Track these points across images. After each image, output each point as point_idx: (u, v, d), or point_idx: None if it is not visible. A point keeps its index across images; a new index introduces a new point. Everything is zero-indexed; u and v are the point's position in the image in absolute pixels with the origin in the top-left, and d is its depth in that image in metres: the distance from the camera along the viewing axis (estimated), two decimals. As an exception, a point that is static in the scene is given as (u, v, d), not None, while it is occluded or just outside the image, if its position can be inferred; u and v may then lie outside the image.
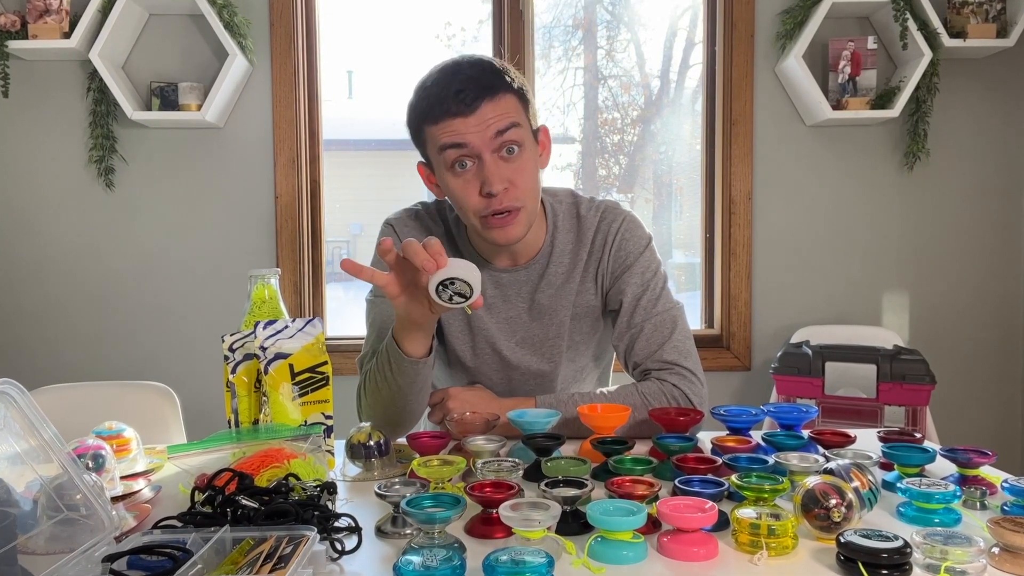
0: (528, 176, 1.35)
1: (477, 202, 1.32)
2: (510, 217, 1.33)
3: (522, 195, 1.33)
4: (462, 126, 1.29)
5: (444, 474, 1.02)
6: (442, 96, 1.30)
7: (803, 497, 0.91)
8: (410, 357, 1.27)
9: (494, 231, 1.34)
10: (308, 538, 0.81)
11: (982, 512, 1.00)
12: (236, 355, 1.22)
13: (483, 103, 1.29)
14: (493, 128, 1.29)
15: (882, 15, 2.76)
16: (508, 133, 1.31)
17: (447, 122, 1.30)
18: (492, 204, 1.31)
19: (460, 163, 1.32)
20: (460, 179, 1.33)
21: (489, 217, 1.33)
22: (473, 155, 1.31)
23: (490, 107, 1.29)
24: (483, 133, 1.29)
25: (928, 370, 2.44)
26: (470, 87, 1.29)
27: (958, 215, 2.92)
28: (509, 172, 1.31)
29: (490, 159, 1.30)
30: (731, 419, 1.25)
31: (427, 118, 1.32)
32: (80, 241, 2.83)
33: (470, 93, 1.29)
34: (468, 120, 1.29)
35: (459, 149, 1.30)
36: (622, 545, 0.86)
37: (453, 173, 1.33)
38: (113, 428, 1.22)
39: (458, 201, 1.35)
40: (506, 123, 1.30)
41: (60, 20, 2.61)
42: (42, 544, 0.86)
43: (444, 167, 1.33)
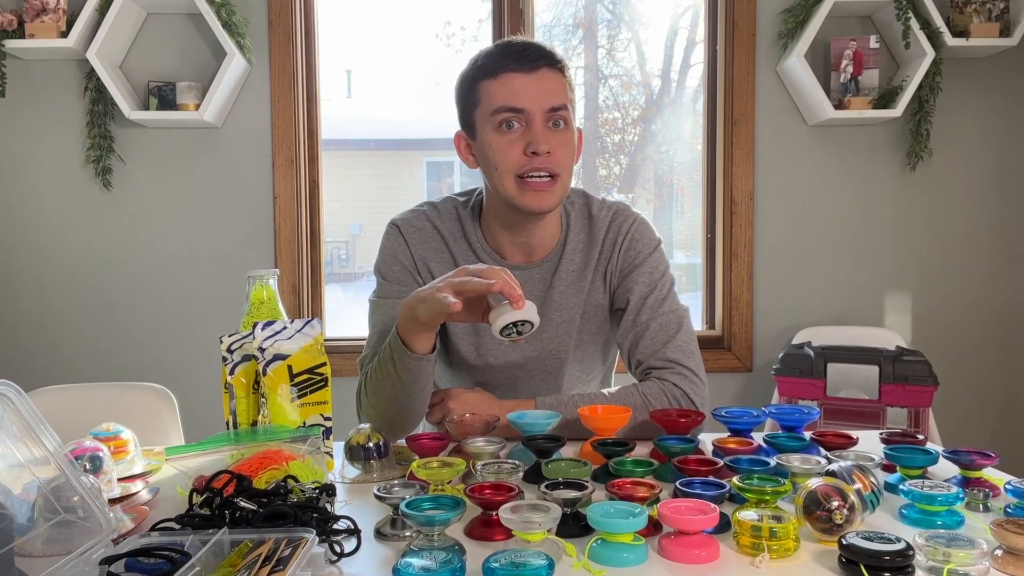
0: (569, 151, 1.39)
1: (518, 159, 1.35)
2: (549, 183, 1.36)
3: (560, 163, 1.37)
4: (521, 84, 1.34)
5: (444, 476, 1.02)
6: (505, 53, 1.37)
7: (805, 499, 0.91)
8: (416, 354, 1.28)
9: (529, 194, 1.36)
10: (307, 540, 0.81)
11: (985, 514, 1.00)
12: (234, 356, 1.22)
13: (544, 67, 1.35)
14: (549, 101, 1.35)
15: (884, 14, 2.76)
16: (560, 111, 1.36)
17: (507, 76, 1.35)
18: (534, 162, 1.34)
19: (508, 123, 1.35)
20: (505, 138, 1.36)
21: (527, 178, 1.35)
22: (524, 119, 1.35)
23: (549, 74, 1.36)
24: (539, 99, 1.34)
25: (931, 371, 2.44)
26: (533, 49, 1.37)
27: (961, 215, 2.92)
28: (554, 140, 1.36)
29: (540, 123, 1.35)
30: (732, 421, 1.25)
31: (487, 73, 1.37)
32: (77, 241, 2.83)
33: (534, 53, 1.36)
34: (528, 78, 1.34)
35: (513, 113, 1.34)
36: (623, 547, 0.86)
37: (499, 132, 1.36)
38: (111, 430, 1.22)
39: (497, 159, 1.37)
40: (560, 101, 1.36)
41: (57, 19, 2.61)
42: (39, 546, 0.86)
43: (491, 127, 1.37)
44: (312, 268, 2.93)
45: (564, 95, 1.37)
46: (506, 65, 1.35)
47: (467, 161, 1.45)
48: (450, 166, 3.65)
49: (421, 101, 3.40)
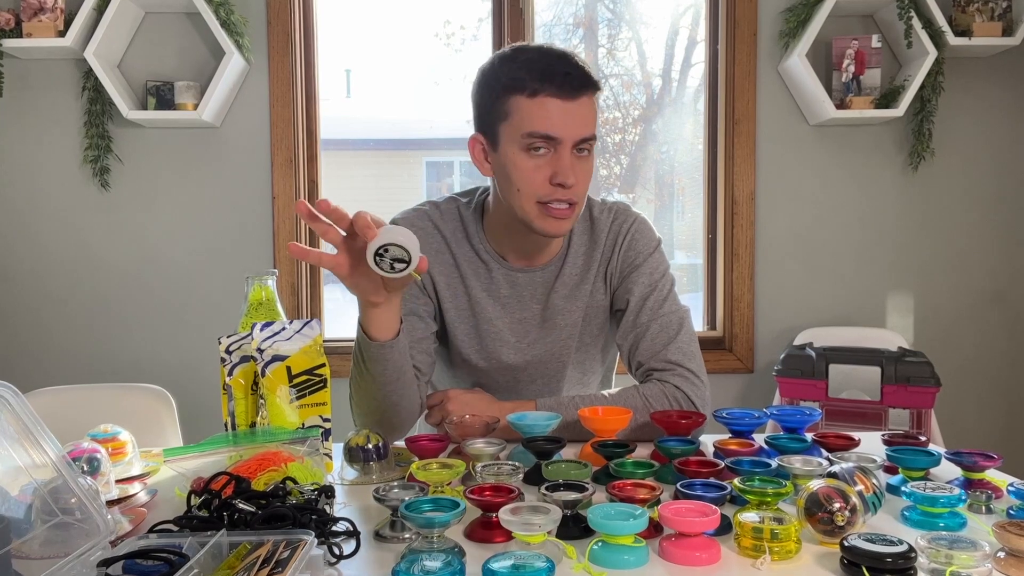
0: (589, 179, 1.38)
1: (542, 187, 1.33)
2: (570, 211, 1.35)
3: (581, 193, 1.36)
4: (559, 112, 1.29)
5: (443, 477, 1.02)
6: (547, 72, 1.29)
7: (806, 501, 0.91)
8: (375, 341, 1.26)
9: (550, 220, 1.35)
10: (306, 542, 0.81)
11: (987, 516, 1.00)
12: (233, 357, 1.22)
13: (585, 95, 1.31)
14: (582, 131, 1.32)
15: (886, 13, 2.76)
16: (589, 141, 1.34)
17: (546, 99, 1.29)
18: (558, 194, 1.33)
19: (536, 148, 1.32)
20: (532, 162, 1.32)
21: (550, 205, 1.34)
22: (553, 145, 1.32)
23: (587, 103, 1.32)
24: (575, 130, 1.31)
25: (933, 372, 2.44)
26: (576, 73, 1.31)
27: (963, 215, 2.92)
28: (579, 170, 1.33)
29: (568, 153, 1.32)
30: (734, 422, 1.25)
31: (523, 89, 1.30)
32: (75, 242, 2.83)
33: (577, 80, 1.30)
34: (567, 105, 1.30)
35: (546, 140, 1.31)
36: (623, 549, 0.86)
37: (528, 154, 1.32)
38: (108, 431, 1.22)
39: (520, 182, 1.34)
40: (592, 131, 1.33)
41: (55, 18, 2.61)
42: (36, 548, 0.86)
43: (518, 146, 1.32)
44: (311, 269, 2.93)
45: (595, 122, 1.35)
46: (547, 88, 1.29)
47: (481, 168, 1.41)
48: (450, 166, 3.65)
49: (421, 101, 3.40)
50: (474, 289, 1.48)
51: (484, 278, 1.48)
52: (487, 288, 1.48)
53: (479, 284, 1.48)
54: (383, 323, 1.25)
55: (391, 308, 1.25)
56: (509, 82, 1.32)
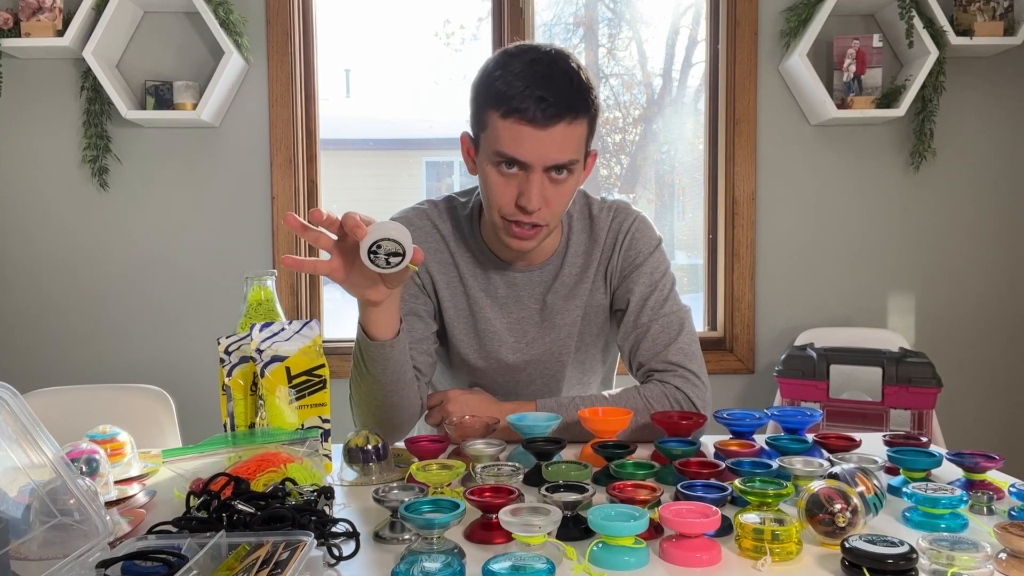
0: (565, 199, 1.34)
1: (508, 206, 1.31)
2: (534, 231, 1.33)
3: (551, 216, 1.33)
4: (528, 137, 1.25)
5: (443, 478, 1.02)
6: (524, 94, 1.24)
7: (807, 502, 0.91)
8: (375, 341, 1.26)
9: (511, 238, 1.35)
10: (305, 543, 0.81)
11: (989, 517, 1.00)
12: (232, 358, 1.22)
13: (560, 123, 1.25)
14: (555, 159, 1.27)
15: (887, 12, 2.76)
16: (564, 167, 1.29)
17: (516, 124, 1.25)
18: (521, 216, 1.31)
19: (507, 164, 1.29)
20: (502, 178, 1.31)
21: (512, 224, 1.33)
22: (524, 168, 1.29)
23: (562, 131, 1.26)
24: (543, 156, 1.27)
25: (934, 373, 2.44)
26: (553, 100, 1.24)
27: (965, 215, 2.93)
28: (550, 192, 1.30)
29: (538, 176, 1.28)
30: (734, 423, 1.25)
31: (499, 105, 1.26)
32: (73, 242, 2.83)
33: (552, 108, 1.24)
34: (537, 134, 1.25)
35: (511, 161, 1.28)
36: (624, 551, 0.86)
37: (497, 170, 1.31)
38: (107, 432, 1.22)
39: (489, 195, 1.34)
40: (568, 157, 1.28)
41: (53, 18, 2.62)
42: (35, 550, 0.86)
43: (489, 160, 1.31)
44: (310, 269, 2.93)
45: (575, 149, 1.29)
46: (519, 110, 1.24)
47: (468, 165, 1.41)
48: (450, 166, 3.65)
49: (420, 100, 3.40)
50: (472, 289, 1.48)
51: (482, 278, 1.48)
52: (485, 288, 1.48)
53: (477, 284, 1.48)
54: (383, 322, 1.25)
55: (391, 307, 1.25)
56: (489, 95, 1.29)
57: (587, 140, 1.33)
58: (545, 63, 1.28)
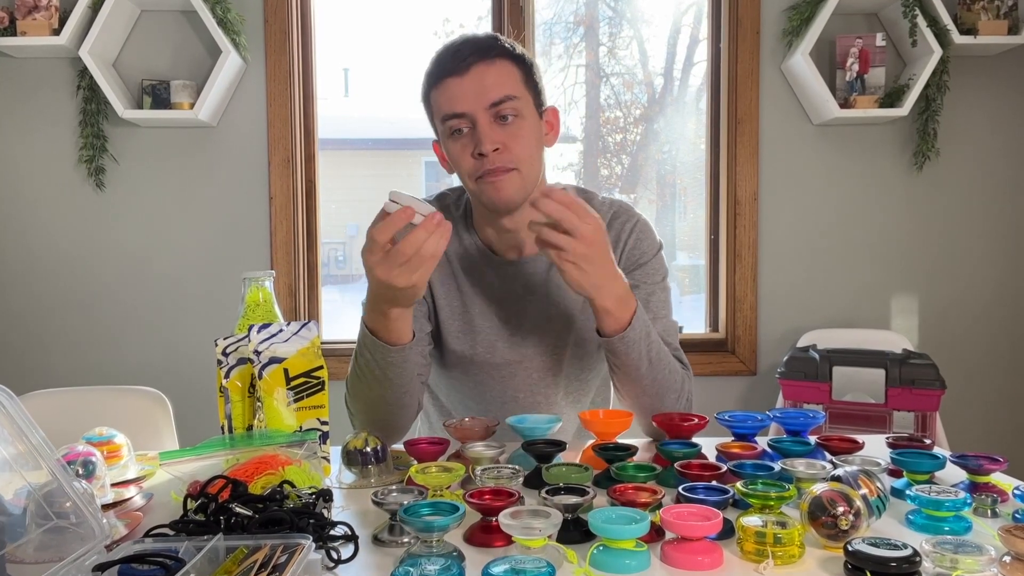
0: (524, 142, 1.36)
1: (470, 164, 1.35)
2: (504, 173, 1.34)
3: (516, 158, 1.34)
4: (457, 87, 1.32)
5: (442, 481, 1.02)
6: (441, 57, 1.36)
7: (810, 505, 0.92)
8: (396, 346, 1.28)
9: (487, 189, 1.35)
10: (303, 547, 0.81)
11: (993, 520, 1.00)
12: (230, 359, 1.22)
13: (478, 63, 1.32)
14: (488, 97, 1.32)
15: (891, 11, 2.76)
16: (504, 104, 1.33)
17: (444, 82, 1.34)
18: (485, 164, 1.33)
19: (458, 130, 1.35)
20: (458, 144, 1.35)
21: (483, 176, 1.34)
22: (469, 121, 1.33)
23: (484, 69, 1.33)
24: (478, 98, 1.32)
25: (938, 375, 2.44)
26: (466, 47, 1.34)
27: (969, 216, 2.93)
28: (503, 136, 1.33)
29: (484, 122, 1.32)
30: (736, 425, 1.25)
31: (430, 81, 1.37)
32: (70, 243, 2.83)
33: (464, 52, 1.33)
34: (463, 80, 1.32)
35: (457, 119, 1.33)
36: (625, 554, 0.86)
37: (453, 140, 1.36)
38: (104, 434, 1.22)
39: (457, 167, 1.38)
40: (501, 95, 1.32)
41: (49, 16, 2.62)
42: (31, 553, 0.86)
43: (445, 135, 1.37)
44: (308, 270, 2.93)
45: (507, 86, 1.33)
46: (443, 68, 1.34)
47: (445, 167, 1.45)
48: (449, 166, 3.65)
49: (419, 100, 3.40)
50: (465, 285, 1.49)
51: (475, 274, 1.49)
52: (479, 283, 1.49)
53: (470, 280, 1.49)
54: (403, 326, 1.28)
55: (408, 311, 1.28)
56: (425, 82, 1.39)
57: (526, 83, 1.37)
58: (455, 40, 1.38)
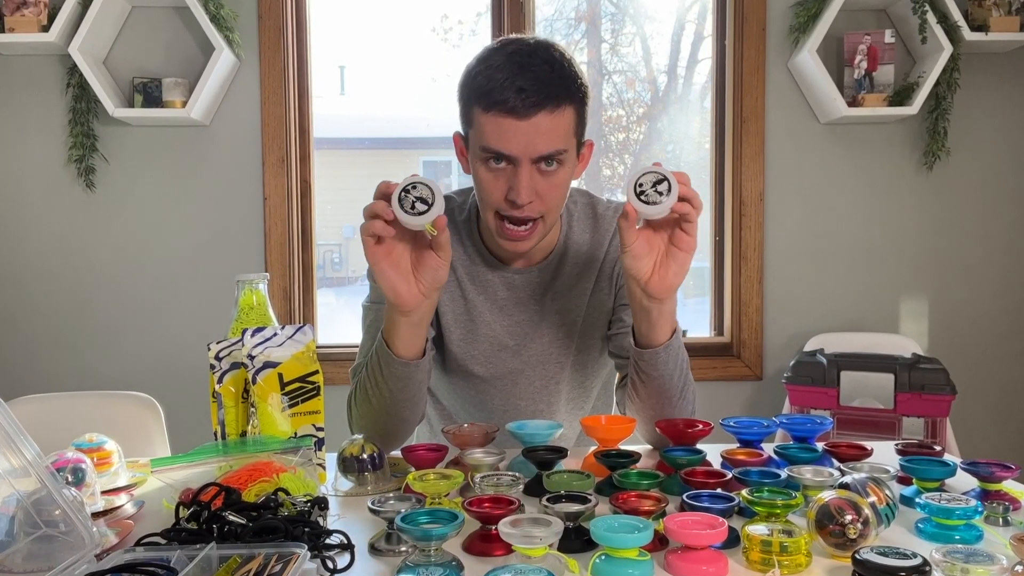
0: (558, 192, 1.34)
1: (499, 201, 1.32)
2: (526, 231, 1.34)
3: (546, 208, 1.33)
4: (511, 129, 1.27)
5: (441, 489, 1.02)
6: (503, 86, 1.26)
7: (817, 513, 0.92)
8: (401, 359, 1.27)
9: (506, 240, 1.36)
10: (298, 556, 0.81)
11: (1005, 528, 1.00)
12: (223, 364, 1.22)
13: (541, 113, 1.26)
14: (539, 149, 1.27)
15: (900, 7, 2.77)
16: (552, 157, 1.30)
17: (498, 117, 1.27)
18: (513, 211, 1.31)
19: (495, 159, 1.31)
20: (491, 174, 1.32)
21: (505, 224, 1.34)
22: (510, 161, 1.30)
23: (546, 119, 1.27)
24: (528, 147, 1.27)
25: (948, 380, 2.45)
26: (533, 89, 1.26)
27: (980, 217, 2.93)
28: (541, 185, 1.31)
29: (526, 169, 1.29)
30: (742, 431, 1.25)
31: (480, 100, 1.29)
32: (59, 244, 2.83)
33: (532, 97, 1.25)
34: (519, 125, 1.26)
35: (500, 156, 1.29)
36: (627, 563, 0.86)
37: (486, 167, 1.32)
38: (94, 440, 1.22)
39: (481, 193, 1.36)
40: (555, 147, 1.28)
41: (38, 13, 2.62)
42: (19, 562, 0.86)
43: (478, 157, 1.33)
44: (304, 272, 2.93)
45: (562, 138, 1.29)
46: (499, 102, 1.26)
47: (462, 164, 1.43)
48: (448, 166, 3.66)
49: (417, 98, 3.41)
50: (470, 292, 1.49)
51: (479, 280, 1.49)
52: (483, 291, 1.49)
53: (475, 287, 1.49)
54: (409, 339, 1.27)
55: (421, 323, 1.26)
56: (472, 91, 1.31)
57: (576, 129, 1.33)
58: (525, 53, 1.29)
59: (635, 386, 1.34)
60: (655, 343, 1.28)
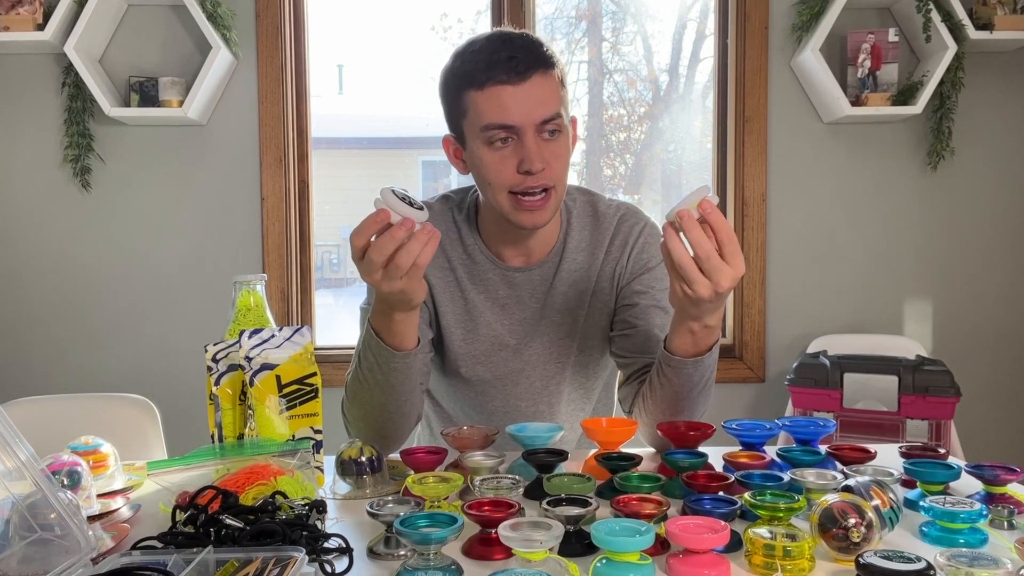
0: (563, 160, 1.38)
1: (512, 177, 1.34)
2: (542, 200, 1.35)
3: (556, 176, 1.36)
4: (509, 96, 1.30)
5: (440, 492, 1.02)
6: (492, 61, 1.31)
7: (820, 516, 0.92)
8: (400, 351, 1.27)
9: (523, 213, 1.36)
10: (296, 559, 0.81)
11: (1010, 532, 1.00)
12: (220, 366, 1.22)
13: (535, 74, 1.31)
14: (541, 113, 1.32)
15: (904, 6, 2.77)
16: (552, 122, 1.33)
17: (495, 89, 1.31)
18: (528, 181, 1.33)
19: (501, 139, 1.33)
20: (498, 154, 1.34)
21: (521, 197, 1.35)
22: (515, 133, 1.33)
23: (540, 81, 1.32)
24: (531, 113, 1.31)
25: (952, 382, 2.44)
26: (522, 55, 1.31)
27: (984, 217, 2.93)
28: (548, 153, 1.34)
29: (532, 137, 1.32)
30: (744, 434, 1.25)
31: (472, 82, 1.32)
32: (55, 245, 2.83)
33: (522, 62, 1.31)
34: (517, 89, 1.30)
35: (505, 130, 1.32)
36: (628, 567, 0.86)
37: (491, 148, 1.34)
38: (90, 443, 1.22)
39: (490, 176, 1.36)
40: (552, 111, 1.33)
41: (33, 11, 2.62)
42: (14, 566, 0.86)
43: (481, 141, 1.34)
44: (301, 273, 2.93)
45: (557, 101, 1.34)
46: (493, 75, 1.30)
47: (457, 167, 1.44)
48: (447, 165, 3.65)
49: (416, 97, 3.41)
50: (470, 292, 1.49)
51: (480, 280, 1.49)
52: (483, 290, 1.49)
53: (475, 287, 1.49)
54: (408, 330, 1.27)
55: (416, 308, 1.27)
56: (461, 78, 1.35)
57: (563, 95, 1.37)
58: (501, 34, 1.36)
59: (653, 389, 1.34)
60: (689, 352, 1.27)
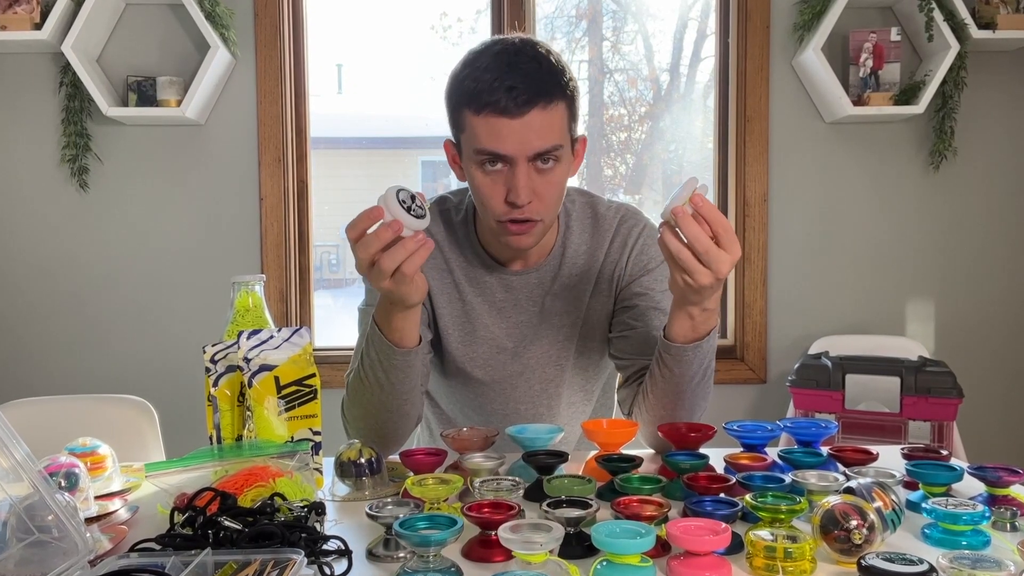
0: (556, 190, 1.35)
1: (499, 206, 1.32)
2: (528, 227, 1.34)
3: (544, 209, 1.34)
4: (505, 128, 1.27)
5: (440, 493, 1.02)
6: (493, 87, 1.26)
7: (822, 518, 0.92)
8: (403, 348, 1.27)
9: (509, 236, 1.36)
10: (295, 562, 0.81)
11: (1012, 534, 1.00)
12: (218, 367, 1.22)
13: (533, 109, 1.27)
14: (535, 147, 1.28)
15: (906, 5, 2.77)
16: (548, 153, 1.30)
17: (490, 118, 1.27)
18: (514, 213, 1.32)
19: (491, 163, 1.31)
20: (488, 178, 1.32)
21: (507, 223, 1.34)
22: (506, 162, 1.30)
23: (539, 116, 1.27)
24: (523, 145, 1.28)
25: (955, 383, 2.44)
26: (524, 86, 1.26)
27: (987, 217, 2.93)
28: (539, 184, 1.31)
29: (523, 168, 1.29)
30: (745, 435, 1.25)
31: (471, 103, 1.29)
32: (52, 245, 2.83)
33: (522, 95, 1.26)
34: (512, 123, 1.27)
35: (495, 157, 1.30)
36: (629, 569, 0.86)
37: (482, 171, 1.32)
38: (87, 444, 1.23)
39: (480, 197, 1.36)
40: (550, 143, 1.29)
41: (31, 10, 2.62)
42: (11, 569, 0.86)
43: (473, 162, 1.33)
44: (300, 273, 2.93)
45: (557, 133, 1.30)
46: (490, 103, 1.26)
47: (455, 172, 1.43)
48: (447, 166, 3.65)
49: (416, 97, 3.41)
50: (468, 295, 1.49)
51: (477, 282, 1.49)
52: (481, 292, 1.49)
53: (473, 289, 1.49)
54: (408, 328, 1.27)
55: (416, 311, 1.27)
56: (461, 95, 1.31)
57: (569, 125, 1.34)
58: (511, 52, 1.30)
59: (653, 383, 1.33)
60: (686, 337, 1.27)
